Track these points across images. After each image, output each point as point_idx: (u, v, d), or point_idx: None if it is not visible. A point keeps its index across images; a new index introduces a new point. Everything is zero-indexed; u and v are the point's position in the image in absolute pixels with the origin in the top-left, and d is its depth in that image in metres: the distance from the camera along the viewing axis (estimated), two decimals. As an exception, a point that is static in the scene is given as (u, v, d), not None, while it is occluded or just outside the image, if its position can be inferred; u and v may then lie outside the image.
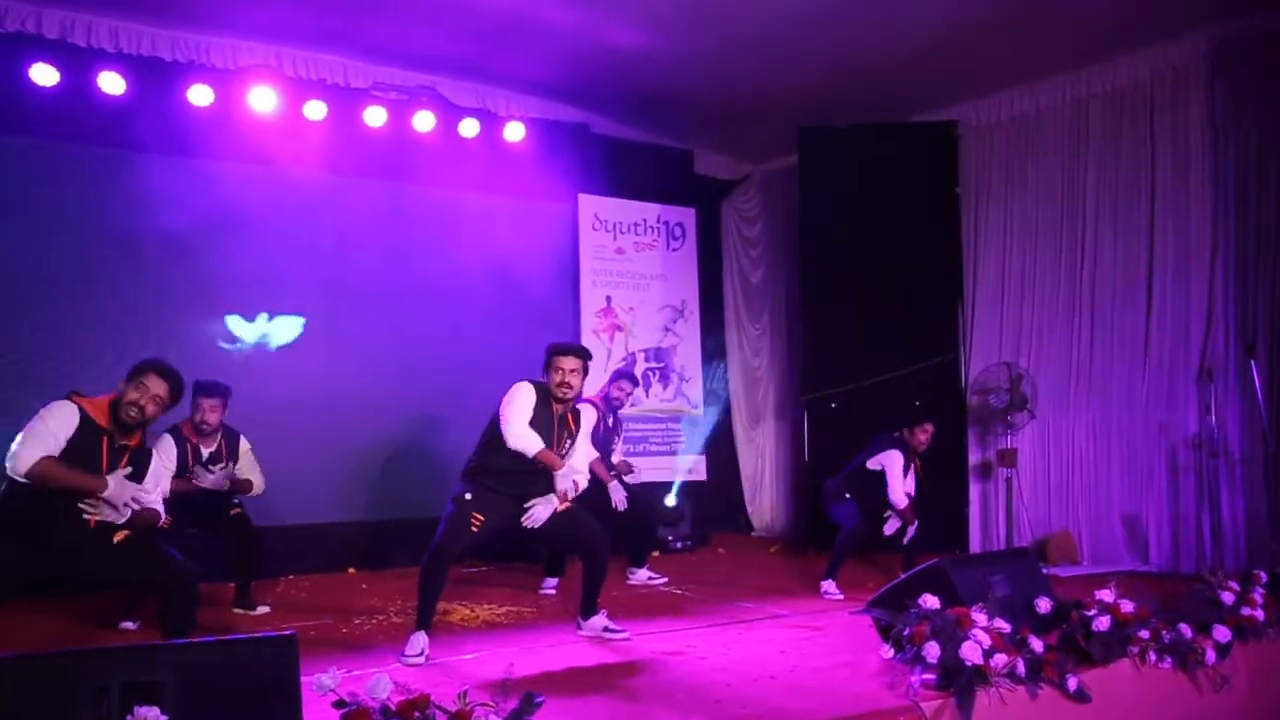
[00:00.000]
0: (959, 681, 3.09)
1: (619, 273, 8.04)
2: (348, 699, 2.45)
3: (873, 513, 5.80)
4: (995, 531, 7.29)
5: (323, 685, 2.44)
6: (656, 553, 6.91)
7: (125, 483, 3.62)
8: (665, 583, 6.12)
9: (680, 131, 8.31)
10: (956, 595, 3.44)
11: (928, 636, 3.19)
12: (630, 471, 6.21)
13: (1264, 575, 4.26)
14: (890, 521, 5.79)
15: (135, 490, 3.64)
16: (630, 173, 8.00)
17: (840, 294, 7.63)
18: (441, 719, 2.47)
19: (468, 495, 4.27)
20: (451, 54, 6.85)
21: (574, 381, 4.39)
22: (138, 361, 3.77)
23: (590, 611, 4.52)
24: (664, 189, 8.27)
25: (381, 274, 6.94)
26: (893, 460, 5.77)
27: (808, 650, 4.17)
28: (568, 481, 4.29)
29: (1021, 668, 3.19)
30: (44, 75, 5.79)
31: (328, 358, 6.72)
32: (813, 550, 7.48)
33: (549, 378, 4.40)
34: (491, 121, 7.30)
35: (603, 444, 5.94)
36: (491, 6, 6.07)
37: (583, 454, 4.55)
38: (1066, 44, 6.60)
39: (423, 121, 7.00)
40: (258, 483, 5.29)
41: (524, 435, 4.26)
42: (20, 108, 5.81)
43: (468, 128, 7.18)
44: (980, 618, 3.26)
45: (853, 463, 5.99)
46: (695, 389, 8.33)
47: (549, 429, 4.37)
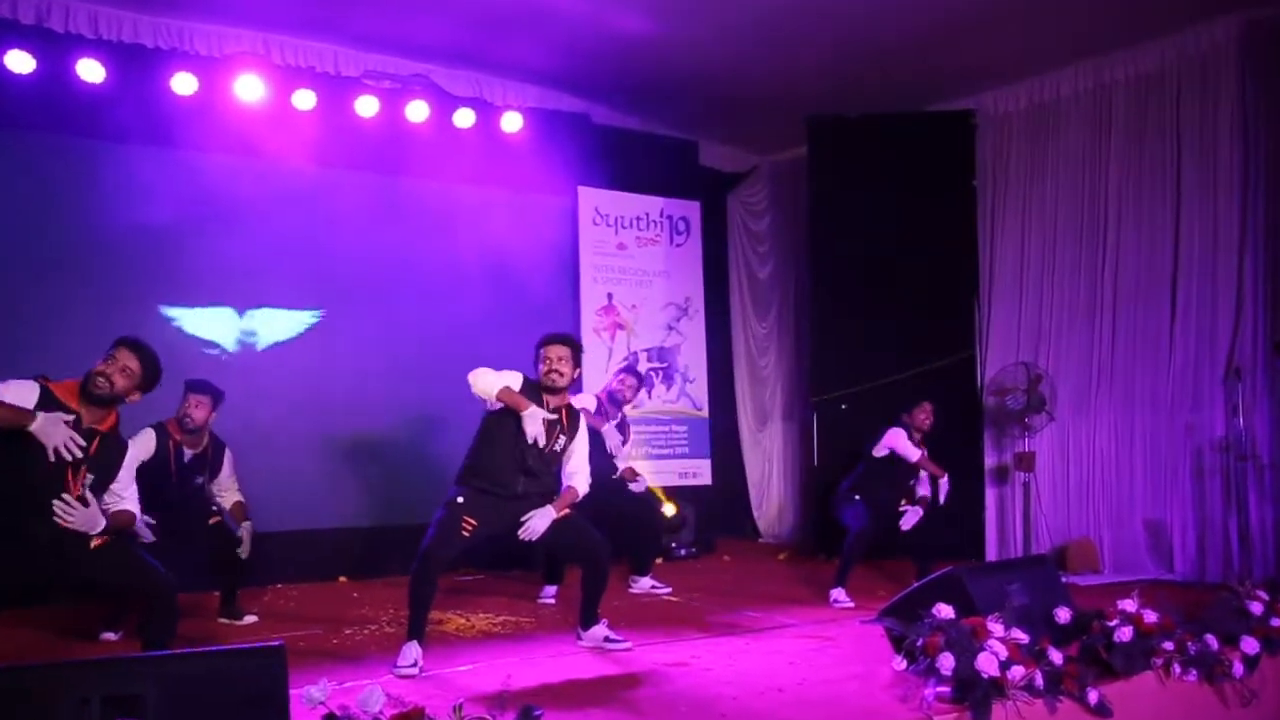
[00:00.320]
0: (974, 695, 3.10)
1: (621, 269, 8.04)
2: (338, 712, 2.46)
3: (886, 508, 5.82)
4: (1012, 538, 7.29)
5: (312, 698, 2.45)
6: (660, 560, 6.92)
7: (59, 423, 3.50)
8: (669, 591, 6.12)
9: (684, 122, 8.31)
10: (972, 604, 3.43)
11: (942, 647, 3.19)
12: (636, 479, 6.21)
13: (1293, 584, 4.27)
14: (908, 515, 5.79)
15: (69, 435, 3.49)
16: (632, 165, 8.00)
17: (851, 291, 7.63)
18: (436, 733, 2.48)
19: (459, 499, 4.28)
20: (446, 41, 6.85)
21: (563, 369, 4.39)
22: None
23: (590, 621, 4.52)
24: (667, 181, 8.27)
25: (373, 271, 6.95)
26: (895, 434, 5.99)
27: (817, 661, 4.17)
28: (536, 423, 4.24)
29: (1040, 680, 3.19)
30: (19, 62, 5.77)
31: (317, 357, 6.72)
32: (821, 557, 7.48)
33: (538, 371, 4.43)
34: (488, 111, 7.30)
35: (605, 443, 5.94)
36: (488, -9, 6.11)
37: (582, 458, 4.55)
38: (1089, 28, 6.59)
39: (416, 111, 7.00)
40: (232, 497, 5.27)
41: (484, 374, 4.28)
42: (-5, 96, 5.81)
43: (463, 118, 7.18)
44: (997, 628, 3.26)
45: (858, 467, 6.06)
46: (700, 390, 8.33)
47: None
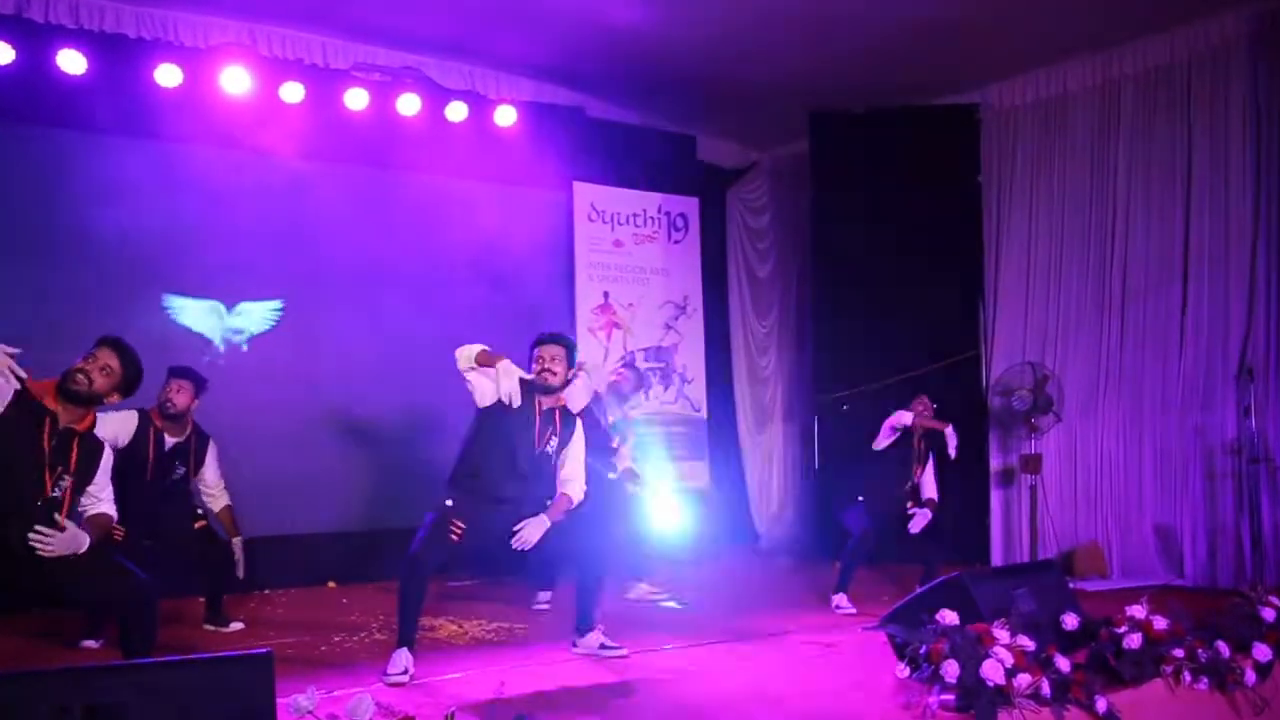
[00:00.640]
0: (980, 703, 3.10)
1: (617, 266, 8.04)
2: (326, 721, 2.45)
3: (890, 509, 5.83)
4: (1018, 542, 7.29)
5: (300, 707, 2.44)
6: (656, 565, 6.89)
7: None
8: (666, 597, 6.12)
9: (682, 115, 8.31)
10: (977, 610, 3.44)
11: (946, 655, 3.19)
12: (636, 480, 6.20)
13: (1307, 590, 4.28)
14: (917, 518, 5.78)
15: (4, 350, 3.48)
16: (629, 159, 8.01)
17: (853, 289, 7.63)
18: (426, 742, 2.48)
19: (449, 502, 4.29)
20: (438, 33, 6.85)
21: (556, 369, 4.43)
22: None
23: (586, 628, 4.51)
24: (665, 177, 8.28)
25: (362, 268, 6.94)
26: (890, 419, 5.94)
27: (818, 669, 4.18)
28: (511, 380, 4.28)
29: (1046, 688, 3.19)
30: (-2, 53, 5.77)
31: (305, 357, 6.72)
32: (823, 562, 7.47)
33: (532, 371, 4.46)
34: (481, 105, 7.31)
35: (605, 439, 5.93)
36: (480, -19, 6.11)
37: (576, 464, 4.55)
38: (1097, 21, 6.61)
39: (407, 105, 7.00)
40: (221, 500, 5.27)
41: (467, 347, 4.37)
42: (-27, 88, 5.79)
43: (455, 111, 7.18)
44: (1002, 635, 3.26)
45: (860, 463, 6.06)
46: (698, 390, 8.33)
47: (530, 422, 4.39)
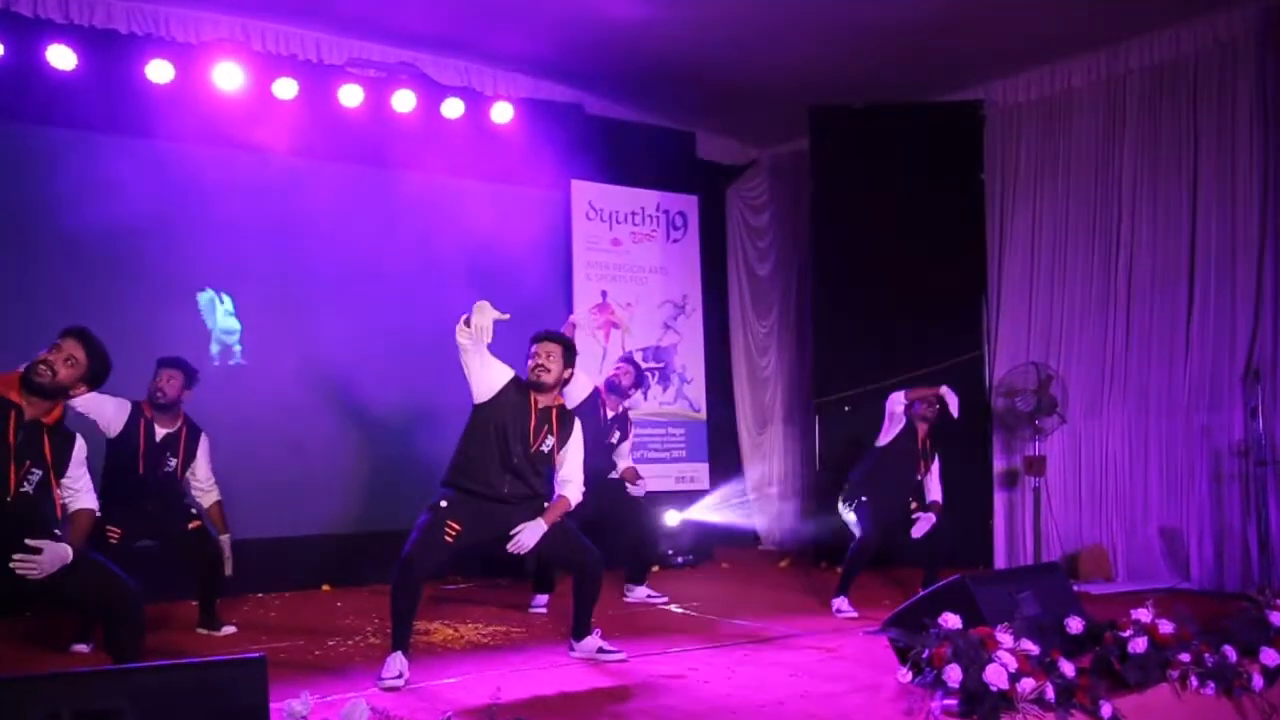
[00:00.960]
0: (983, 708, 3.11)
1: (615, 265, 8.04)
2: (321, 726, 2.46)
3: (894, 511, 5.83)
4: (1022, 545, 7.30)
5: (294, 712, 2.45)
6: (656, 568, 6.91)
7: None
8: (665, 601, 6.13)
9: (682, 113, 8.31)
10: (980, 614, 3.45)
11: (949, 659, 3.20)
12: (637, 480, 6.20)
13: (1315, 594, 4.28)
14: (920, 523, 5.79)
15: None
16: (627, 157, 8.00)
17: (854, 288, 7.64)
18: (422, 748, 2.48)
19: (443, 503, 4.30)
20: (434, 28, 6.85)
21: (550, 365, 4.44)
22: None
23: (583, 632, 4.52)
24: (664, 175, 8.27)
25: (356, 267, 6.93)
26: (888, 401, 5.99)
27: (819, 673, 4.18)
28: (485, 315, 4.20)
29: (1051, 693, 3.20)
30: (-14, 49, 5.77)
31: (298, 357, 6.70)
32: (824, 565, 7.49)
33: (527, 368, 4.48)
34: (477, 101, 7.30)
35: (602, 435, 5.94)
36: (477, -24, 6.12)
37: (574, 465, 4.56)
38: (1102, 15, 6.60)
39: (402, 101, 7.00)
40: (211, 496, 5.28)
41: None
42: (-40, 85, 5.79)
43: (451, 108, 7.18)
44: (1006, 639, 3.27)
45: (865, 460, 6.06)
46: (697, 391, 8.33)
47: (525, 420, 4.39)
